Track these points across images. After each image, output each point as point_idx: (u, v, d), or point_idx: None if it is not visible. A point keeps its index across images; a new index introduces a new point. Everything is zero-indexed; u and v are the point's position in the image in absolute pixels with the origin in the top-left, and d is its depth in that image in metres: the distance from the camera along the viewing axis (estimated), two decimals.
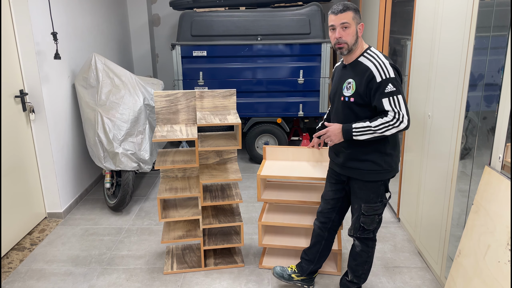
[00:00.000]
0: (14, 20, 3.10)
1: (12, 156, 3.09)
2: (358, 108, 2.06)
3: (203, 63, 4.43)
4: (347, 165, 2.18)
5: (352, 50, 2.06)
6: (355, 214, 2.25)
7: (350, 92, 2.07)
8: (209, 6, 4.47)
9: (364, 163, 2.12)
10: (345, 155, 2.17)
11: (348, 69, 2.12)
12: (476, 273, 1.79)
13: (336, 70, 2.30)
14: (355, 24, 2.03)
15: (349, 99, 2.07)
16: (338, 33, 2.03)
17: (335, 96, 2.20)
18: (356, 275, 2.37)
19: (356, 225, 2.25)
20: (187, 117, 2.85)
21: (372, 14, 4.00)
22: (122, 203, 3.53)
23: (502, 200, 1.72)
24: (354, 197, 2.24)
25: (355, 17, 2.03)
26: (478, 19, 2.07)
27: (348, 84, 2.08)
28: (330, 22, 2.06)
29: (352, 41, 2.04)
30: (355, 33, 2.04)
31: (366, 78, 2.00)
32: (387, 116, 1.98)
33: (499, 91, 1.85)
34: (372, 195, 2.17)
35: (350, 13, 2.01)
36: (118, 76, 3.53)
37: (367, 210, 2.18)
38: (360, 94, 2.03)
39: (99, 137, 3.37)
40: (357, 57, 2.09)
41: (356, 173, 2.16)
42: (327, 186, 2.39)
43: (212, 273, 2.76)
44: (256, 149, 4.74)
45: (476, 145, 2.20)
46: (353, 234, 2.29)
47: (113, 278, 2.73)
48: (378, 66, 2.00)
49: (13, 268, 2.85)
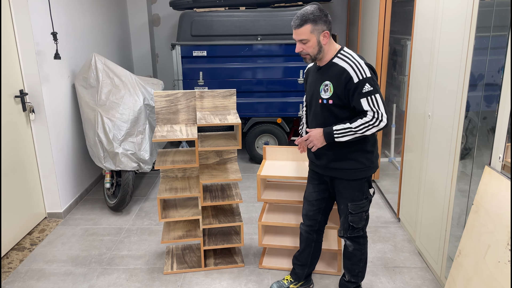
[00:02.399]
0: (14, 20, 3.10)
1: (12, 156, 3.09)
2: (337, 109, 2.06)
3: (203, 63, 4.43)
4: (331, 166, 2.18)
5: (317, 58, 2.07)
6: (342, 215, 2.26)
7: (328, 95, 2.05)
8: (209, 6, 4.46)
9: (348, 162, 2.13)
10: (327, 157, 2.17)
11: (323, 71, 2.10)
12: (476, 273, 1.79)
13: (309, 72, 2.26)
14: (315, 36, 2.00)
15: (327, 101, 2.06)
16: (297, 48, 2.05)
17: (311, 99, 2.17)
18: (353, 274, 2.38)
19: (345, 225, 2.25)
20: (187, 117, 2.85)
21: (372, 14, 4.00)
22: (122, 203, 3.53)
23: (502, 200, 1.72)
24: (339, 197, 2.24)
25: (314, 29, 1.99)
26: (478, 19, 2.07)
27: (325, 86, 2.06)
28: (293, 35, 2.05)
29: (315, 52, 2.04)
30: (317, 44, 2.02)
31: (344, 79, 1.99)
32: (366, 116, 1.99)
33: (499, 91, 1.85)
34: (357, 193, 2.18)
35: (308, 26, 1.98)
36: (118, 76, 3.53)
37: (354, 209, 2.19)
38: (339, 95, 2.02)
39: (99, 137, 3.37)
40: (330, 58, 2.07)
41: (340, 173, 2.17)
42: (309, 188, 2.38)
43: (212, 273, 2.76)
44: (256, 149, 4.74)
45: (476, 145, 2.20)
46: (343, 235, 2.29)
47: (113, 278, 2.73)
48: (354, 66, 1.99)
49: (13, 268, 2.85)
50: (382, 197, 3.87)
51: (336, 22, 5.63)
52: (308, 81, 2.24)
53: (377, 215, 3.52)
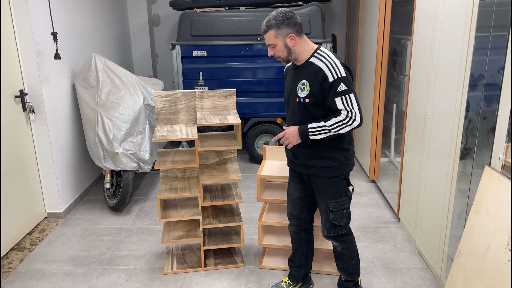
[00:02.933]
0: (14, 20, 3.10)
1: (12, 156, 3.09)
2: (313, 108, 2.09)
3: (203, 63, 4.43)
4: (309, 164, 2.20)
5: (290, 60, 2.12)
6: (324, 214, 2.27)
7: (304, 93, 2.08)
8: (209, 6, 4.46)
9: (325, 160, 2.15)
10: (305, 154, 2.19)
11: (300, 70, 2.13)
12: (476, 273, 1.79)
13: (287, 71, 2.30)
14: (281, 39, 2.05)
15: (304, 100, 2.09)
16: (269, 52, 2.13)
17: (289, 97, 2.20)
18: (348, 273, 2.39)
19: (327, 224, 2.26)
20: (187, 117, 2.85)
21: (372, 14, 4.00)
22: (122, 203, 3.53)
23: (502, 200, 1.72)
24: (318, 196, 2.25)
25: (278, 34, 2.04)
26: (478, 19, 2.07)
27: (302, 85, 2.09)
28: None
29: (285, 54, 2.09)
30: (284, 47, 2.07)
31: (320, 78, 2.02)
32: (340, 115, 2.02)
33: (499, 91, 1.85)
34: (336, 191, 2.20)
35: (272, 32, 2.05)
36: (118, 76, 3.53)
37: (335, 207, 2.21)
38: (315, 94, 2.05)
39: (99, 137, 3.37)
40: (307, 58, 2.11)
41: (318, 170, 2.18)
42: (291, 186, 2.39)
43: (212, 273, 2.76)
44: (256, 149, 4.74)
45: (476, 145, 2.20)
46: (327, 235, 2.30)
47: (113, 278, 2.73)
48: (329, 66, 2.02)
49: (13, 268, 2.85)
50: (382, 197, 3.87)
51: (336, 22, 5.63)
52: (286, 80, 2.28)
53: (377, 215, 3.52)
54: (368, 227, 3.32)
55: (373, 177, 4.15)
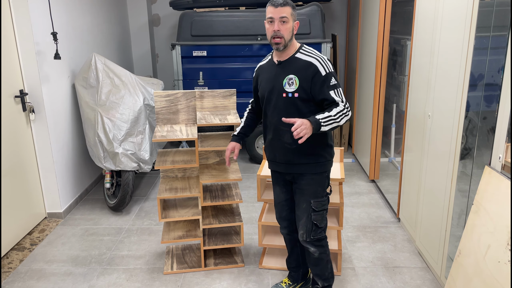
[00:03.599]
0: (14, 20, 3.10)
1: (12, 156, 3.09)
2: (301, 103, 2.08)
3: (203, 63, 4.43)
4: (294, 161, 2.16)
5: (287, 47, 2.07)
6: (304, 215, 2.20)
7: (293, 88, 2.07)
8: (209, 6, 4.46)
9: (311, 156, 2.14)
10: (290, 151, 2.15)
11: (285, 66, 2.10)
12: (476, 273, 1.79)
13: (262, 69, 2.24)
14: (292, 20, 2.04)
15: (293, 95, 2.07)
16: (277, 26, 2.01)
17: (271, 93, 2.14)
18: (324, 278, 2.34)
19: (308, 226, 2.20)
20: (187, 117, 2.85)
21: (372, 14, 4.00)
22: (122, 203, 3.53)
23: (502, 200, 1.72)
24: (300, 195, 2.20)
25: (293, 14, 2.04)
26: (478, 19, 2.07)
27: (290, 80, 2.07)
28: (269, 14, 2.03)
29: (288, 37, 2.04)
30: (292, 30, 2.05)
31: (312, 72, 2.03)
32: (339, 105, 2.03)
33: (499, 91, 1.85)
34: (319, 189, 2.19)
35: (289, 8, 2.02)
36: (118, 76, 3.53)
37: (317, 206, 2.18)
38: (305, 89, 2.05)
39: (99, 137, 3.37)
40: (292, 54, 2.10)
41: (304, 168, 2.16)
42: (276, 190, 2.35)
43: (212, 273, 2.76)
44: (256, 149, 4.74)
45: (476, 145, 2.20)
46: (306, 239, 2.23)
47: (113, 278, 2.73)
48: (320, 60, 2.05)
49: (13, 268, 2.85)
50: (382, 197, 3.87)
51: (336, 22, 5.63)
52: (262, 78, 2.21)
53: (377, 215, 3.52)
54: (368, 227, 3.32)
55: (373, 177, 4.15)
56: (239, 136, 2.42)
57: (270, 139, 2.22)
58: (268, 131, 2.22)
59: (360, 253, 2.96)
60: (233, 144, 2.40)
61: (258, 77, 2.26)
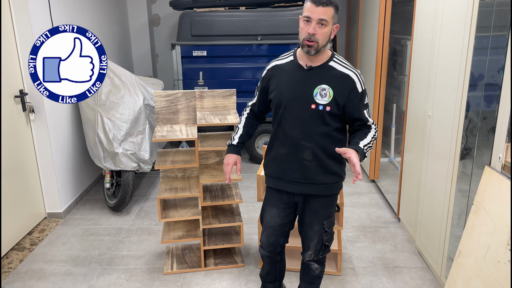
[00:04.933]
0: (14, 20, 3.10)
1: (12, 156, 3.09)
2: (330, 118, 1.85)
3: (203, 63, 4.43)
4: (311, 180, 1.92)
5: (319, 52, 1.81)
6: (316, 237, 2.02)
7: (326, 100, 1.82)
8: (209, 6, 4.47)
9: (329, 176, 1.93)
10: (308, 169, 1.91)
11: (316, 73, 1.85)
12: (476, 273, 1.79)
13: (282, 69, 1.92)
14: (332, 23, 1.77)
15: (324, 108, 1.83)
16: (313, 29, 1.74)
17: (295, 102, 1.86)
18: None
19: (317, 246, 2.04)
20: (187, 117, 2.85)
21: (372, 14, 4.00)
22: (122, 203, 3.53)
23: (502, 200, 1.72)
24: (314, 217, 1.99)
25: (334, 16, 1.77)
26: (478, 19, 2.07)
27: (323, 90, 1.82)
28: (307, 13, 1.74)
29: (324, 43, 1.78)
30: (329, 34, 1.79)
31: (350, 87, 1.83)
32: (371, 129, 1.90)
33: (499, 91, 1.85)
34: (332, 209, 2.03)
35: (332, 9, 1.74)
36: (118, 76, 3.53)
37: (329, 227, 2.02)
38: (338, 103, 1.83)
39: (99, 137, 3.37)
40: (325, 60, 1.86)
41: (321, 188, 1.94)
42: (271, 212, 2.05)
43: (212, 273, 2.76)
44: (256, 149, 4.74)
45: (476, 145, 2.20)
46: (313, 258, 2.08)
47: (113, 278, 2.73)
48: (358, 75, 1.86)
49: (13, 268, 2.85)
50: (382, 197, 3.87)
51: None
52: (280, 81, 1.91)
53: (377, 215, 3.52)
54: (368, 227, 3.32)
55: (373, 177, 4.15)
56: (239, 147, 2.11)
57: (283, 153, 1.93)
58: (281, 144, 1.94)
59: (360, 253, 2.96)
60: (234, 157, 2.09)
61: (272, 79, 1.95)
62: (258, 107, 2.10)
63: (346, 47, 5.61)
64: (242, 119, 2.15)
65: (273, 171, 2.00)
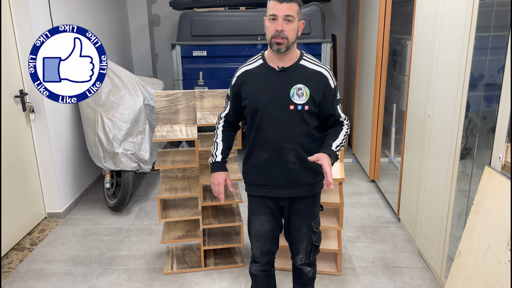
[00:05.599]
0: (14, 20, 3.10)
1: (12, 156, 3.09)
2: (309, 117, 1.84)
3: (203, 63, 4.43)
4: (296, 183, 1.90)
5: (289, 49, 1.78)
6: (305, 239, 1.99)
7: (303, 100, 1.80)
8: (209, 6, 4.47)
9: (312, 175, 1.92)
10: (293, 172, 1.88)
11: (289, 73, 1.82)
12: (476, 273, 1.79)
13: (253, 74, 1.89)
14: (298, 19, 1.76)
15: (303, 107, 1.81)
16: (281, 25, 1.72)
17: (272, 105, 1.82)
18: None
19: (308, 248, 2.02)
20: (187, 117, 2.85)
21: (372, 14, 4.00)
22: (122, 203, 3.53)
23: (502, 200, 1.72)
24: (301, 219, 1.97)
25: (299, 12, 1.76)
26: (478, 19, 2.07)
27: (299, 90, 1.80)
28: (272, 11, 1.73)
29: (293, 39, 1.76)
30: (297, 30, 1.77)
31: (324, 84, 1.83)
32: (343, 126, 1.90)
33: (499, 91, 1.85)
34: (316, 209, 2.02)
35: (296, 5, 1.73)
36: (118, 76, 3.53)
37: (316, 226, 2.01)
38: (315, 101, 1.82)
39: (99, 137, 3.37)
40: (296, 60, 1.84)
41: (305, 190, 1.93)
42: (259, 221, 1.99)
43: (212, 273, 2.76)
44: None
45: (476, 145, 2.20)
46: (305, 261, 2.05)
47: (113, 278, 2.73)
48: (329, 71, 1.85)
49: (13, 268, 2.85)
50: (382, 197, 3.87)
51: (336, 22, 5.63)
52: (254, 86, 1.87)
53: (377, 215, 3.52)
54: (368, 227, 3.32)
55: (373, 177, 4.15)
56: (224, 163, 2.02)
57: (265, 159, 1.89)
58: (262, 150, 1.89)
59: (360, 253, 2.96)
60: (222, 175, 1.98)
61: (244, 85, 1.89)
62: (233, 116, 2.03)
63: (346, 47, 5.61)
64: (218, 133, 2.05)
65: (255, 178, 1.95)
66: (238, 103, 1.95)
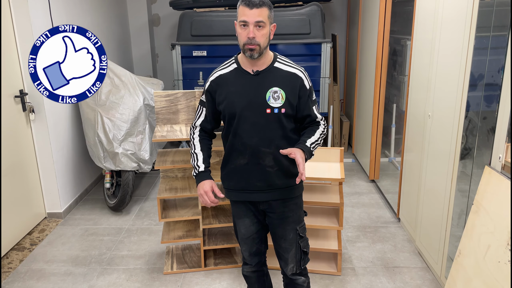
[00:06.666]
0: (14, 20, 3.10)
1: (12, 156, 3.09)
2: (286, 119, 1.82)
3: (203, 63, 4.42)
4: (275, 186, 1.87)
5: (262, 54, 1.77)
6: (293, 246, 1.94)
7: (280, 103, 1.79)
8: (209, 6, 4.47)
9: (291, 178, 1.88)
10: (271, 175, 1.85)
11: (264, 77, 1.81)
12: (476, 273, 1.79)
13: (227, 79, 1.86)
14: (269, 23, 1.74)
15: (279, 111, 1.79)
16: (252, 32, 1.70)
17: (248, 110, 1.80)
18: None
19: (297, 256, 1.96)
20: (187, 117, 2.85)
21: (372, 14, 4.00)
22: (122, 203, 3.53)
23: (502, 200, 1.72)
24: (285, 225, 1.93)
25: (270, 16, 1.73)
26: (478, 19, 2.07)
27: (275, 93, 1.79)
28: (242, 17, 1.70)
29: (265, 44, 1.75)
30: (269, 35, 1.76)
31: (299, 85, 1.81)
32: (320, 126, 1.89)
33: (499, 91, 1.85)
34: (300, 212, 1.98)
35: (266, 9, 1.71)
36: (118, 76, 3.53)
37: (302, 231, 1.97)
38: (291, 103, 1.80)
39: (99, 137, 3.37)
40: (270, 62, 1.83)
41: (287, 192, 1.90)
42: (244, 224, 1.98)
43: (212, 273, 2.76)
44: None
45: (476, 145, 2.20)
46: (296, 271, 1.98)
47: (113, 278, 2.73)
48: (303, 72, 1.84)
49: (13, 268, 2.85)
50: (382, 197, 3.87)
51: (336, 22, 5.63)
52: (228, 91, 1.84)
53: (377, 215, 3.52)
54: (368, 227, 3.32)
55: (373, 177, 4.15)
56: (208, 172, 1.95)
57: (243, 164, 1.86)
58: (240, 155, 1.86)
59: (360, 253, 2.96)
60: (208, 183, 1.90)
61: (219, 90, 1.86)
62: (210, 123, 1.97)
63: (346, 47, 5.61)
64: (195, 143, 1.97)
65: (234, 184, 1.92)
66: (214, 109, 1.92)
